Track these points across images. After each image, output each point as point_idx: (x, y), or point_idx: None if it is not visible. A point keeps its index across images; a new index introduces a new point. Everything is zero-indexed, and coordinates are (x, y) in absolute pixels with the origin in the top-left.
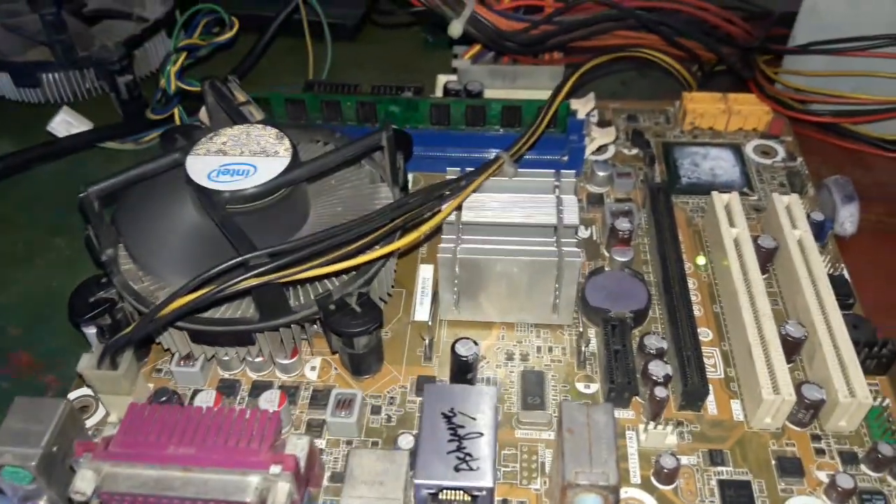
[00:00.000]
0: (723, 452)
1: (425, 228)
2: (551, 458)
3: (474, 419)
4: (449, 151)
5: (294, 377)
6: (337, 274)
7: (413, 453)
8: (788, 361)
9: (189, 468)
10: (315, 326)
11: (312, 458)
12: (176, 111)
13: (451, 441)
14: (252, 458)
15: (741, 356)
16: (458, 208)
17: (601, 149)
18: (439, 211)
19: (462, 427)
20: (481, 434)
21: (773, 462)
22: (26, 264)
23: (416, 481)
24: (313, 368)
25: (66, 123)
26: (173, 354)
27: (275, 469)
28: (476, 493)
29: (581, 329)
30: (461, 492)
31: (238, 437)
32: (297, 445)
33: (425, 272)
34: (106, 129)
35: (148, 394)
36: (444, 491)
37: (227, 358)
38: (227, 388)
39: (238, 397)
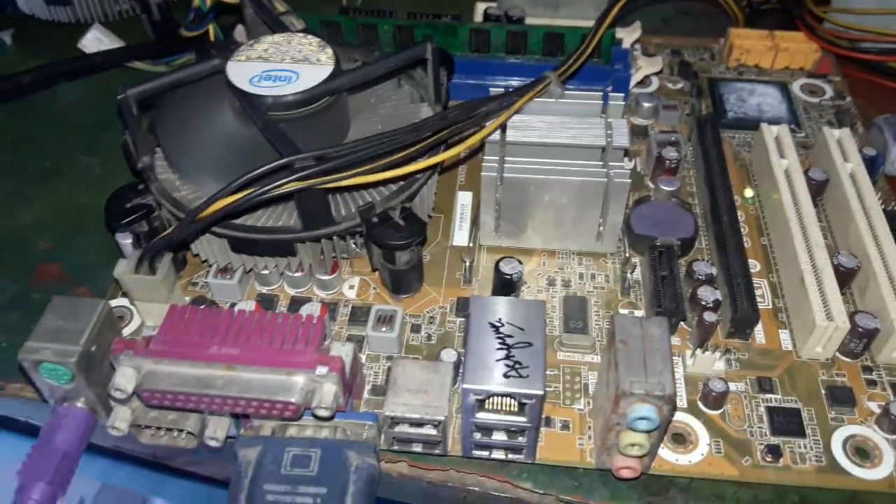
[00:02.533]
0: (771, 380)
1: (470, 142)
2: (596, 379)
3: (523, 330)
4: (488, 80)
5: (332, 294)
6: (380, 185)
7: (457, 366)
8: (840, 293)
9: (233, 367)
10: (354, 245)
11: (355, 367)
12: (211, 28)
13: (499, 349)
14: (298, 359)
15: (791, 286)
16: (502, 128)
17: (644, 81)
18: (483, 128)
19: (511, 337)
20: (530, 344)
21: (823, 391)
22: (55, 181)
23: (464, 386)
24: (352, 287)
25: (97, 41)
26: (210, 266)
27: (321, 370)
28: (525, 401)
29: (628, 254)
30: (509, 400)
31: (283, 339)
32: (341, 350)
33: (463, 199)
34: (138, 47)
35: (184, 304)
36: (491, 400)
37: (265, 272)
38: (264, 303)
39: (278, 311)
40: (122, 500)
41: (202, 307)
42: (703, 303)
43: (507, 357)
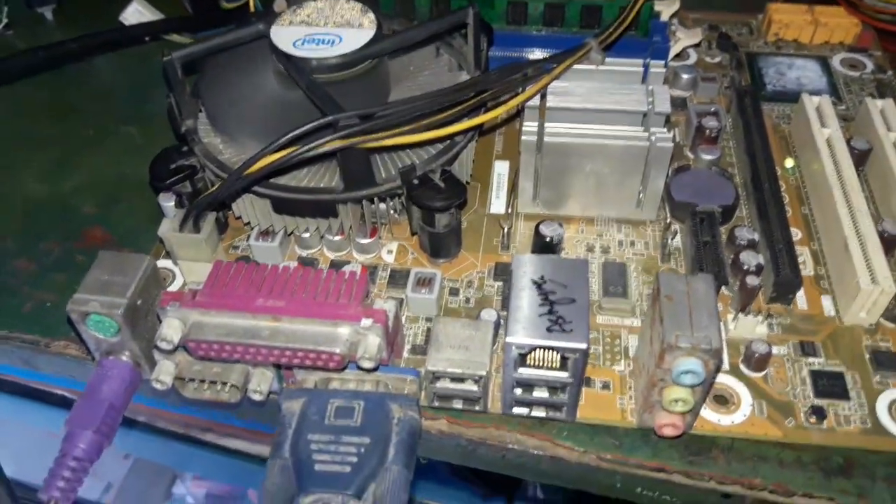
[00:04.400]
0: (814, 344)
1: (511, 104)
2: (636, 342)
3: (565, 287)
4: (525, 52)
5: (371, 258)
6: (421, 146)
7: (497, 325)
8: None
9: (278, 318)
10: (393, 211)
11: (397, 325)
12: None
13: (542, 305)
14: (343, 311)
15: (834, 253)
16: (542, 94)
17: (682, 55)
18: (523, 91)
19: (553, 293)
20: (573, 300)
21: (867, 356)
22: (98, 149)
23: (508, 339)
24: (390, 252)
25: (137, 13)
26: (252, 230)
27: (366, 322)
28: (569, 355)
29: (669, 219)
30: (551, 356)
31: (327, 293)
32: (384, 306)
33: (500, 168)
34: (177, 20)
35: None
36: (534, 355)
37: (306, 235)
38: (305, 266)
39: None
40: (153, 476)
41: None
42: (746, 267)
43: (551, 312)
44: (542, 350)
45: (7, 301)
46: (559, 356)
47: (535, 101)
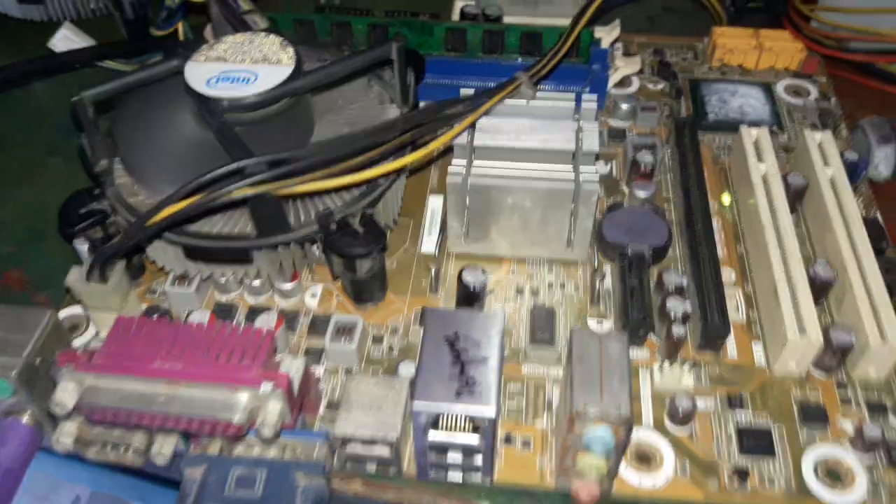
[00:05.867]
0: (742, 396)
1: (435, 145)
2: (559, 396)
3: (479, 344)
4: (464, 80)
5: (293, 303)
6: (340, 191)
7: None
8: (816, 304)
9: (175, 383)
10: (316, 250)
11: (307, 383)
12: (180, 26)
13: (453, 365)
14: (242, 375)
15: (765, 297)
16: (471, 130)
17: (624, 82)
18: (451, 128)
19: (466, 352)
20: (485, 360)
21: (796, 409)
22: (22, 182)
23: (415, 404)
24: (314, 296)
25: (67, 40)
26: (168, 274)
27: (266, 387)
28: (478, 422)
29: (596, 265)
30: (464, 421)
31: (229, 353)
32: (291, 366)
33: (434, 203)
34: (108, 46)
35: (139, 313)
36: (445, 417)
37: (223, 280)
38: (222, 312)
39: (234, 321)
40: None
41: (154, 317)
42: (672, 315)
43: (462, 374)
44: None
45: None
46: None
47: (463, 138)
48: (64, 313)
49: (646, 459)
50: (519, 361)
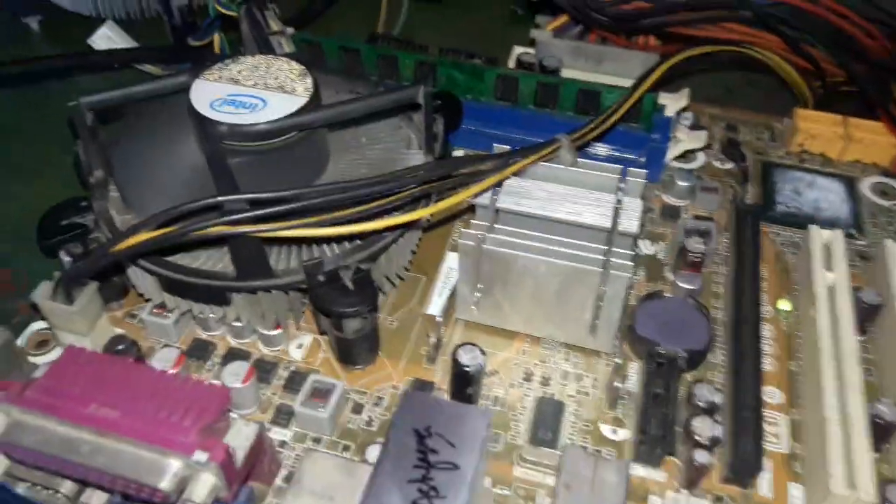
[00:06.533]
0: None
1: (449, 203)
2: None
3: (453, 446)
4: (510, 132)
5: (276, 352)
6: (332, 241)
7: None
8: (875, 450)
9: (104, 434)
10: (304, 300)
11: (259, 452)
12: (216, 38)
13: (417, 468)
14: (177, 437)
15: (814, 432)
16: (497, 191)
17: (688, 156)
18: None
19: (435, 453)
20: (456, 467)
21: None
22: (31, 179)
23: None
24: (300, 347)
25: (106, 38)
26: (147, 301)
27: (199, 456)
28: None
29: (620, 360)
30: None
31: (172, 408)
32: (240, 433)
33: (452, 262)
34: (144, 49)
35: (107, 339)
36: None
37: (203, 316)
38: (199, 350)
39: (209, 362)
40: None
41: (118, 349)
42: (698, 437)
43: (424, 480)
44: None
45: None
46: None
47: (486, 199)
48: (37, 326)
49: None
50: (512, 461)
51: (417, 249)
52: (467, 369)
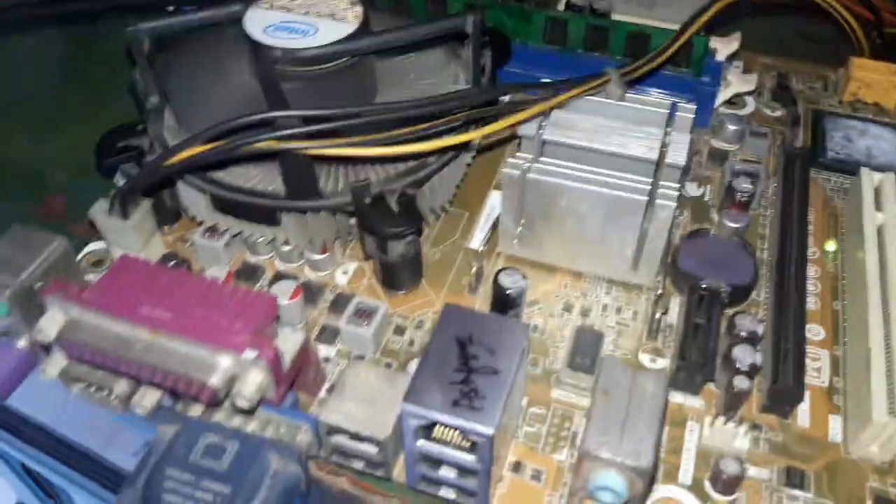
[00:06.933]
0: (804, 473)
1: (488, 129)
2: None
3: (493, 354)
4: (557, 76)
5: (322, 277)
6: (384, 163)
7: None
8: None
9: (158, 333)
10: (352, 225)
11: (305, 360)
12: None
13: (457, 371)
14: (228, 337)
15: (856, 366)
16: (543, 122)
17: (737, 102)
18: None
19: (475, 358)
20: (496, 372)
21: (869, 501)
22: (91, 116)
23: (403, 406)
24: (345, 273)
25: None
26: (200, 223)
27: (249, 354)
28: (473, 438)
29: (662, 291)
30: (460, 436)
31: (223, 312)
32: (288, 338)
33: (495, 199)
34: None
35: (159, 256)
36: (441, 428)
37: (252, 240)
38: (248, 272)
39: (257, 285)
40: None
41: (160, 263)
42: (738, 365)
43: (465, 381)
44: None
45: None
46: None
47: (531, 130)
48: (92, 246)
49: None
50: (549, 384)
51: (461, 185)
52: (509, 292)
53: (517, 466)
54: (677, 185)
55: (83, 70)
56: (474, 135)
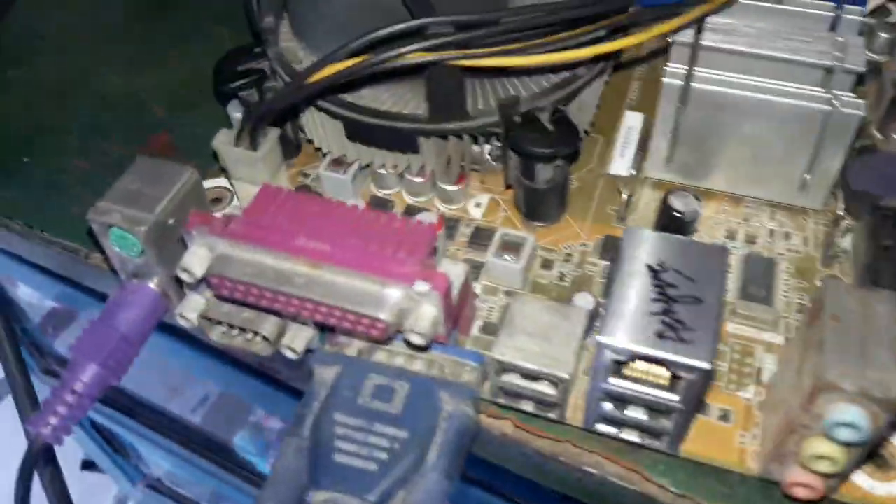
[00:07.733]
0: None
1: (646, 36)
2: (776, 365)
3: (692, 281)
4: None
5: (455, 210)
6: (531, 73)
7: (593, 316)
8: None
9: (319, 266)
10: (489, 153)
11: (465, 295)
12: None
13: (656, 301)
14: (396, 268)
15: None
16: (697, 29)
17: (881, 11)
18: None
19: (674, 287)
20: (700, 301)
21: None
22: (185, 48)
23: (601, 339)
24: (478, 205)
25: None
26: (324, 157)
27: (421, 286)
28: (683, 374)
29: (841, 213)
30: (658, 368)
31: (383, 242)
32: (451, 270)
33: (632, 120)
34: None
35: None
36: (634, 363)
37: (383, 171)
38: (376, 207)
39: None
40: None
41: (300, 193)
42: None
43: (666, 312)
44: (646, 360)
45: (57, 200)
46: (669, 372)
47: (686, 37)
48: (208, 184)
49: (883, 463)
50: (724, 318)
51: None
52: (680, 215)
53: (702, 407)
54: (856, 95)
55: (180, 3)
56: (633, 40)
